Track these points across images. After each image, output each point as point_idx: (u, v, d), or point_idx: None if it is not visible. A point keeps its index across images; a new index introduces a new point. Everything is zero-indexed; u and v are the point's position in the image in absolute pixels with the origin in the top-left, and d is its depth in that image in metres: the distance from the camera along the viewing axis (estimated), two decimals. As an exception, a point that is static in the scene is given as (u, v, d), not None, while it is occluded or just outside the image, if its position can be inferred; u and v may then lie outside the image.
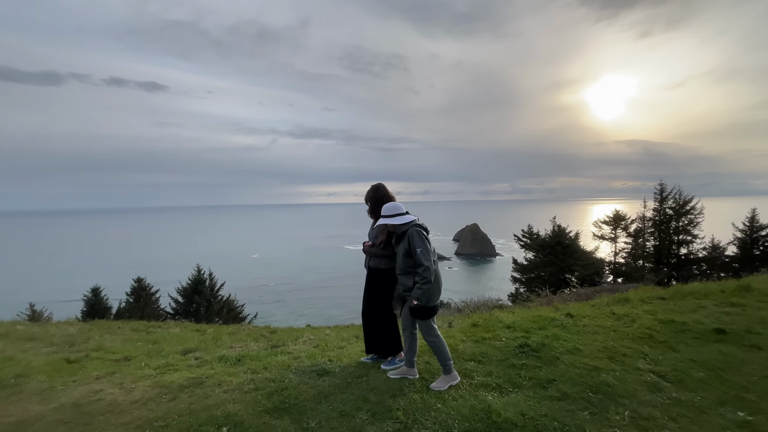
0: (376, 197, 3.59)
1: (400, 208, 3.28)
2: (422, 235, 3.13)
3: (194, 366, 3.95)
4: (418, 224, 3.22)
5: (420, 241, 3.09)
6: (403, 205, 3.32)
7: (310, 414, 2.84)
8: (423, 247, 3.07)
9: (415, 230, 3.14)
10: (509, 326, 4.86)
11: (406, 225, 3.20)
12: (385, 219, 3.25)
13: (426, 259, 3.04)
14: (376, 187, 3.63)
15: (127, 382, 3.50)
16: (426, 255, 3.05)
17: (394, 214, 3.24)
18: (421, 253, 3.05)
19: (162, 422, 2.75)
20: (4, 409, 3.07)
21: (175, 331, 8.18)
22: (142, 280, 18.75)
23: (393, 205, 3.30)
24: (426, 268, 3.03)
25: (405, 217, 3.23)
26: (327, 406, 2.95)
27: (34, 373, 3.78)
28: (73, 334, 6.53)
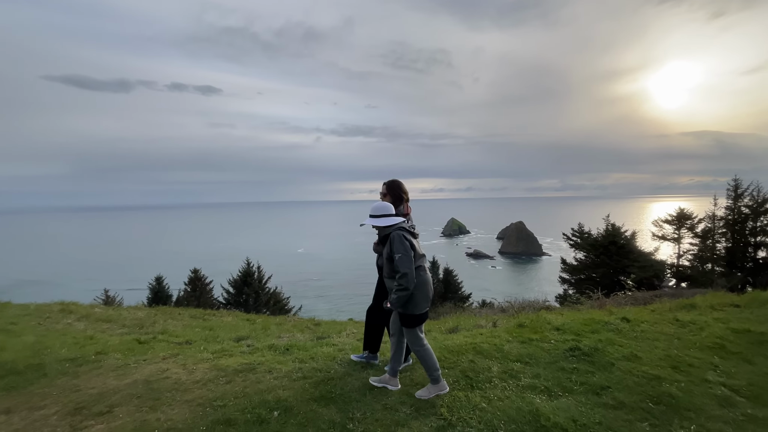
0: (393, 194, 3.41)
1: (387, 208, 3.09)
2: (404, 240, 2.91)
3: (247, 353, 4.20)
4: (403, 227, 3.01)
5: (400, 245, 2.89)
6: (392, 206, 3.14)
7: (355, 405, 2.91)
8: (402, 252, 2.86)
9: (396, 234, 2.94)
10: (558, 328, 4.65)
11: (389, 228, 3.02)
12: (369, 219, 3.09)
13: (404, 266, 2.84)
14: (390, 183, 3.44)
15: (189, 363, 3.79)
16: (404, 261, 2.85)
17: (379, 214, 3.06)
18: (399, 259, 2.85)
19: (220, 402, 2.96)
20: (87, 381, 3.46)
21: (227, 319, 8.73)
22: (198, 271, 20.14)
23: (380, 205, 3.12)
24: (403, 275, 2.84)
25: (388, 219, 3.03)
26: (371, 399, 3.01)
27: (111, 351, 4.22)
28: (141, 318, 7.19)
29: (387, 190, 3.45)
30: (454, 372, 3.43)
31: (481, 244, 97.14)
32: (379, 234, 3.17)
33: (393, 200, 3.39)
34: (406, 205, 3.45)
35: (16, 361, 3.91)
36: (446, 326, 5.91)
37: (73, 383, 3.42)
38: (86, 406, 3.00)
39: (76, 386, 3.36)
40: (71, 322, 6.24)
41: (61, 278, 58.78)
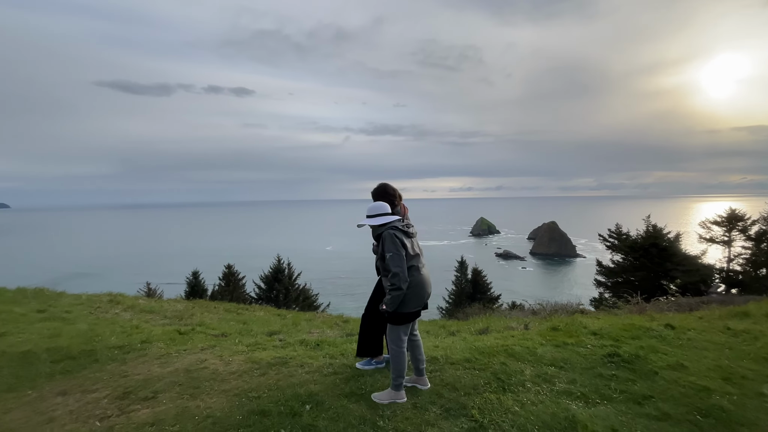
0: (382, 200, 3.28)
1: (382, 208, 3.05)
2: (395, 238, 2.88)
3: (279, 347, 4.32)
4: (395, 226, 2.97)
5: (391, 244, 2.85)
6: (388, 206, 3.09)
7: (385, 403, 2.92)
8: (394, 251, 2.83)
9: (388, 233, 2.91)
10: (595, 333, 4.47)
11: (381, 227, 2.97)
12: (365, 219, 3.05)
13: (395, 265, 2.80)
14: (375, 191, 3.37)
15: (225, 355, 3.95)
16: (396, 260, 2.81)
17: (373, 214, 3.03)
18: (390, 258, 2.82)
19: (255, 393, 3.06)
20: (134, 368, 3.69)
21: (260, 314, 9.01)
22: (232, 266, 20.89)
23: (375, 205, 3.07)
24: (394, 275, 2.80)
25: (381, 219, 2.99)
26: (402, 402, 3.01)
27: (155, 340, 4.46)
28: (180, 310, 7.56)
29: (374, 198, 3.34)
30: (485, 374, 3.37)
31: (511, 245, 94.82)
32: (373, 233, 3.13)
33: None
34: (401, 205, 3.38)
35: (70, 347, 4.22)
36: (476, 327, 5.82)
37: (122, 369, 3.65)
38: (133, 391, 3.19)
39: (124, 372, 3.58)
40: (119, 312, 6.66)
41: (107, 271, 62.76)
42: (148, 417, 2.79)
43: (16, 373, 3.59)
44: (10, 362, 3.81)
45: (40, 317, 5.62)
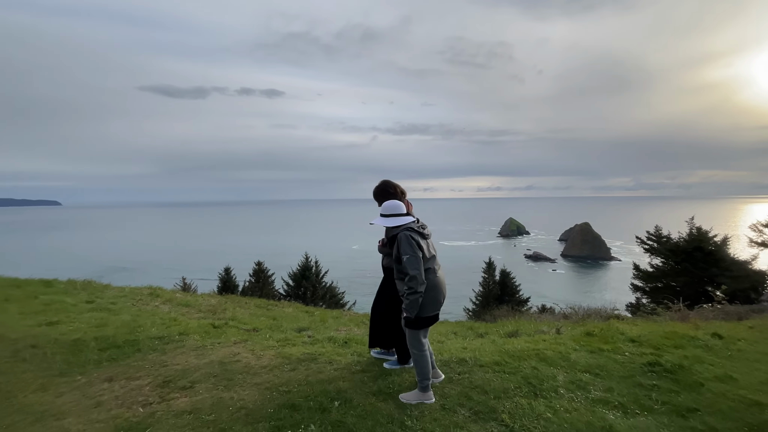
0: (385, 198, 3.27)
1: (398, 208, 2.99)
2: (411, 240, 2.80)
3: (308, 343, 4.41)
4: (411, 227, 2.90)
5: (408, 246, 2.78)
6: (403, 206, 3.03)
7: (413, 402, 2.92)
8: (411, 253, 2.75)
9: (404, 234, 2.84)
10: (633, 340, 4.26)
11: (396, 228, 2.92)
12: (379, 218, 3.01)
13: (412, 268, 2.73)
14: (377, 189, 3.35)
15: (257, 349, 4.08)
16: (413, 263, 2.74)
17: (388, 214, 2.98)
18: (407, 260, 2.74)
19: (285, 388, 3.14)
20: (173, 358, 3.87)
21: (288, 310, 9.22)
22: (261, 263, 21.49)
23: (391, 204, 3.01)
24: (412, 278, 2.73)
25: (397, 219, 2.94)
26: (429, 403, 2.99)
27: (191, 333, 4.67)
28: (214, 305, 7.85)
29: (380, 199, 3.31)
30: (516, 378, 3.29)
31: (541, 246, 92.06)
32: (387, 234, 3.08)
33: (381, 200, 3.26)
34: (405, 202, 3.33)
35: (116, 336, 4.48)
36: (505, 330, 5.70)
37: (162, 359, 3.84)
38: (172, 380, 3.35)
39: (164, 362, 3.77)
40: (158, 304, 7.01)
41: (146, 265, 66.20)
42: (186, 405, 2.93)
43: (68, 359, 3.86)
44: (62, 349, 4.09)
45: (88, 308, 6.01)
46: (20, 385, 3.35)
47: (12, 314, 5.34)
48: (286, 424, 2.64)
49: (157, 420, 2.75)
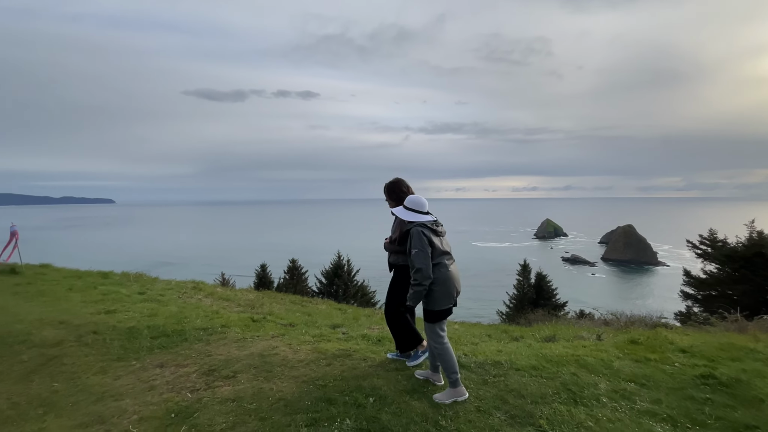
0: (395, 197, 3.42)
1: (419, 204, 3.09)
2: (422, 236, 2.92)
3: (343, 339, 4.50)
4: (424, 223, 3.00)
5: (418, 241, 2.90)
6: (426, 204, 3.11)
7: (447, 402, 2.91)
8: (420, 248, 2.88)
9: (416, 230, 2.96)
10: (684, 350, 4.01)
11: (411, 223, 3.03)
12: (397, 210, 3.15)
13: (419, 262, 2.85)
14: (388, 186, 3.47)
15: (293, 343, 4.21)
16: (420, 257, 2.86)
17: (411, 208, 3.09)
18: (415, 254, 2.88)
19: (321, 382, 3.23)
20: (216, 349, 4.08)
21: (322, 307, 9.43)
22: (296, 261, 22.09)
23: (417, 200, 3.11)
24: (417, 270, 2.85)
25: (412, 215, 3.06)
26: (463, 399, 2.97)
27: (233, 326, 4.90)
28: (252, 300, 8.18)
29: (387, 195, 3.43)
30: (554, 383, 3.20)
31: (580, 249, 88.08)
32: (402, 228, 3.19)
33: (397, 202, 3.36)
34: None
35: (165, 326, 4.79)
36: (542, 334, 5.53)
37: (206, 349, 4.07)
38: (216, 369, 3.54)
39: (208, 352, 3.99)
40: (201, 298, 7.40)
41: (188, 260, 69.87)
42: (230, 394, 3.08)
43: (124, 345, 4.18)
44: (119, 335, 4.43)
45: (140, 298, 6.46)
46: (84, 367, 3.67)
47: (75, 302, 5.84)
48: (322, 416, 2.72)
49: (203, 405, 2.92)
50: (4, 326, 4.63)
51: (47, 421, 2.81)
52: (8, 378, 3.48)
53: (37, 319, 4.89)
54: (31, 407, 3.02)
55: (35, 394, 3.21)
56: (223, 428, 2.64)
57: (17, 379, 3.46)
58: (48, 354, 3.92)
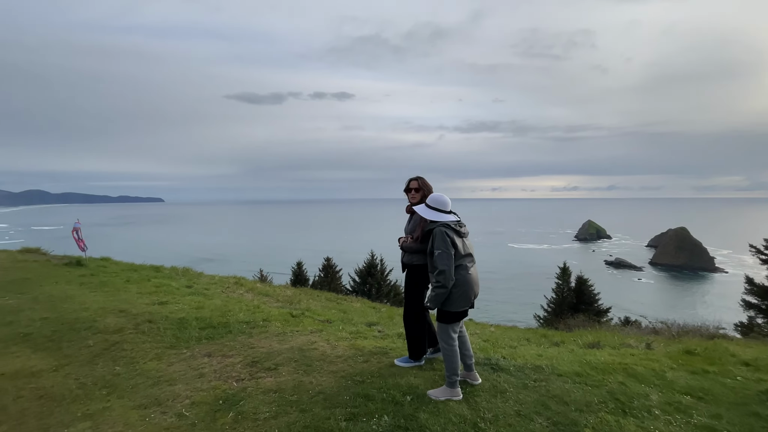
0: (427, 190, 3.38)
1: (442, 204, 3.04)
2: (446, 237, 2.87)
3: (378, 337, 4.55)
4: (447, 224, 2.95)
5: (441, 242, 2.85)
6: (450, 203, 3.06)
7: (485, 405, 2.87)
8: (443, 249, 2.83)
9: (439, 230, 2.90)
10: (748, 363, 3.69)
11: (434, 223, 2.98)
12: (419, 208, 3.09)
13: (442, 263, 2.81)
14: (423, 178, 3.43)
15: (331, 339, 4.31)
16: (443, 258, 2.82)
17: (434, 207, 3.03)
18: (438, 255, 2.83)
19: (359, 378, 3.29)
20: (259, 341, 4.26)
21: (356, 305, 9.56)
22: (330, 259, 22.52)
23: (440, 199, 3.06)
24: (440, 272, 2.82)
25: (435, 214, 3.01)
26: (502, 402, 2.92)
27: (273, 320, 5.09)
28: (290, 296, 8.45)
29: (420, 187, 3.37)
30: (600, 391, 3.06)
31: (625, 252, 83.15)
32: (424, 228, 3.15)
33: (424, 196, 3.31)
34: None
35: (211, 318, 5.06)
36: (584, 340, 5.31)
37: (249, 341, 4.26)
38: (259, 361, 3.70)
39: (251, 344, 4.17)
40: (242, 293, 7.74)
41: (228, 257, 73.18)
42: (272, 385, 3.21)
43: (176, 334, 4.46)
44: (171, 325, 4.74)
45: (188, 291, 6.86)
46: (141, 354, 3.96)
47: (132, 293, 6.31)
48: (360, 412, 2.77)
49: (248, 395, 3.06)
50: (73, 313, 5.09)
51: (111, 401, 3.06)
52: (76, 360, 3.83)
53: (100, 307, 5.33)
54: (96, 388, 3.30)
55: (100, 375, 3.51)
56: (267, 417, 2.75)
57: (84, 362, 3.79)
58: (110, 340, 4.26)
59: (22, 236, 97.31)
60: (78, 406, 3.02)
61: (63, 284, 6.72)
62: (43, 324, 4.67)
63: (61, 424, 2.78)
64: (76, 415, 2.89)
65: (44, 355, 3.90)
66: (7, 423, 2.84)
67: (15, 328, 4.57)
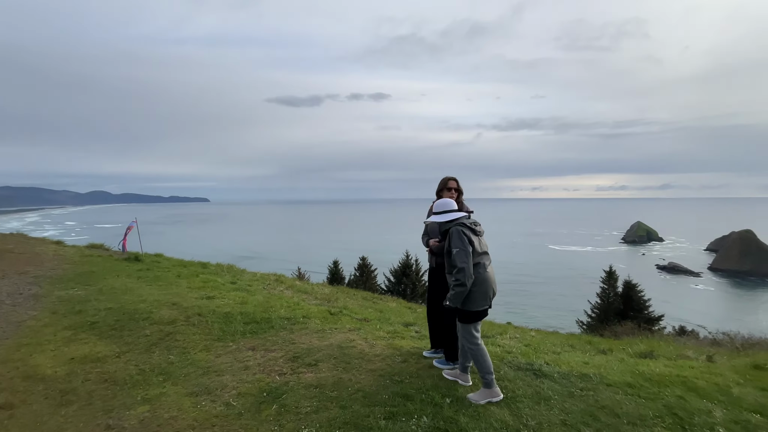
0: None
1: (448, 205, 3.17)
2: (462, 235, 2.94)
3: (416, 338, 4.53)
4: (463, 222, 3.03)
5: (458, 240, 2.92)
6: (454, 203, 3.21)
7: (528, 412, 2.78)
8: (460, 247, 2.89)
9: (455, 229, 2.98)
10: (831, 383, 3.30)
11: (449, 223, 3.06)
12: (433, 216, 3.20)
13: (461, 261, 2.86)
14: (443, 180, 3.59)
15: (369, 338, 4.36)
16: (461, 256, 2.87)
17: (440, 211, 3.16)
18: (456, 254, 2.88)
19: (398, 378, 3.30)
20: (299, 338, 4.39)
21: (392, 305, 9.58)
22: (366, 259, 22.74)
23: (442, 202, 3.20)
24: (459, 270, 2.86)
25: (447, 215, 3.10)
26: (546, 409, 2.82)
27: (312, 317, 5.22)
28: (327, 294, 8.63)
29: (459, 185, 3.55)
30: (655, 405, 2.86)
31: (680, 256, 77.07)
32: (440, 229, 3.23)
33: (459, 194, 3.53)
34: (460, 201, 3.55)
35: (254, 313, 5.28)
36: (635, 349, 5.00)
37: (290, 337, 4.40)
38: (300, 356, 3.81)
39: (292, 340, 4.31)
40: (282, 290, 8.00)
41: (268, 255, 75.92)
42: (312, 380, 3.30)
43: (222, 328, 4.70)
44: (218, 319, 4.99)
45: (232, 287, 7.20)
46: (191, 344, 4.21)
47: (183, 288, 6.72)
48: (399, 411, 2.77)
49: (290, 389, 3.16)
50: (132, 305, 5.50)
51: (166, 388, 3.28)
52: (136, 348, 4.14)
53: (155, 300, 5.72)
54: (153, 374, 3.55)
55: (156, 363, 3.77)
56: (308, 412, 2.83)
57: (142, 350, 4.09)
58: (164, 330, 4.57)
59: (87, 233, 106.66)
60: (138, 391, 3.26)
61: (123, 278, 7.29)
62: (108, 314, 5.09)
63: (124, 407, 3.02)
64: (136, 398, 3.13)
65: (108, 342, 4.25)
66: (77, 403, 3.13)
67: (83, 316, 5.01)
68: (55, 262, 8.35)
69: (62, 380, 3.45)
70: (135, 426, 2.74)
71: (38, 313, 5.18)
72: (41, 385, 3.37)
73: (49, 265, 8.04)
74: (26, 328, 4.65)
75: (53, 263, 8.21)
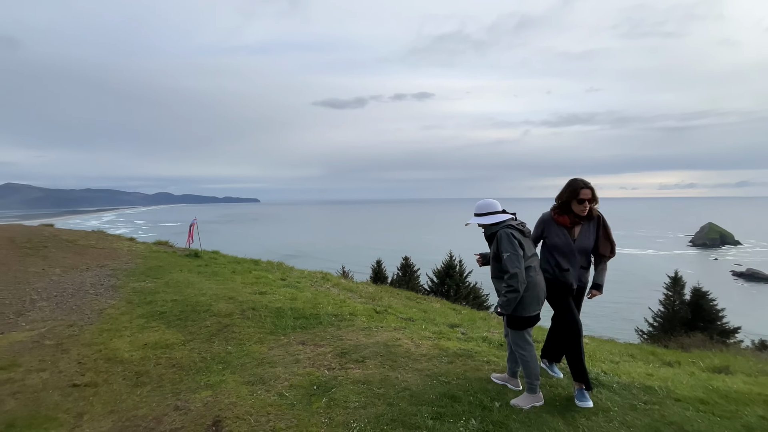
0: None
1: (493, 206, 2.96)
2: (512, 238, 2.78)
3: (462, 339, 4.47)
4: (510, 224, 2.87)
5: (508, 244, 2.76)
6: (498, 203, 2.97)
7: (584, 422, 2.64)
8: (511, 251, 2.74)
9: (504, 232, 2.82)
10: None
11: (496, 226, 2.90)
12: (474, 218, 2.99)
13: (513, 266, 2.71)
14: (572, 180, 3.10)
15: (415, 338, 4.37)
16: (513, 261, 2.72)
17: (484, 212, 2.96)
18: (507, 258, 2.73)
19: (444, 378, 3.28)
20: (346, 334, 4.50)
21: (436, 305, 9.51)
22: (408, 258, 22.73)
23: (485, 203, 3.00)
24: (511, 276, 2.71)
25: (493, 217, 2.92)
26: (605, 421, 2.66)
27: (359, 315, 5.33)
28: (371, 292, 8.75)
29: (595, 194, 2.96)
30: (733, 424, 2.60)
31: (761, 262, 68.63)
32: (486, 233, 3.04)
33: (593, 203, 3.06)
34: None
35: (303, 309, 5.49)
36: (707, 363, 4.56)
37: (338, 333, 4.52)
38: (348, 352, 3.91)
39: (339, 336, 4.43)
40: (329, 287, 8.24)
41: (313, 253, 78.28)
42: (360, 376, 3.37)
43: (274, 322, 4.94)
44: (270, 314, 5.26)
45: (282, 284, 7.53)
46: (246, 337, 4.47)
47: (238, 283, 7.15)
48: (447, 412, 2.76)
49: (339, 383, 3.26)
50: (194, 298, 5.95)
51: (225, 375, 3.52)
52: (198, 337, 4.48)
53: (214, 294, 6.15)
54: (214, 362, 3.82)
55: (216, 352, 4.06)
56: (356, 407, 2.90)
57: (203, 340, 4.41)
58: (223, 322, 4.89)
59: (153, 231, 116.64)
60: (201, 377, 3.53)
61: (186, 272, 7.90)
62: (174, 305, 5.55)
63: (189, 390, 3.28)
64: (200, 384, 3.39)
65: (175, 331, 4.64)
66: (150, 384, 3.45)
67: (153, 306, 5.51)
68: (129, 256, 9.23)
69: (137, 363, 3.82)
70: (200, 408, 2.97)
71: (116, 302, 5.76)
72: (120, 367, 3.76)
73: (124, 259, 8.92)
74: (106, 315, 5.20)
75: (127, 258, 9.09)
